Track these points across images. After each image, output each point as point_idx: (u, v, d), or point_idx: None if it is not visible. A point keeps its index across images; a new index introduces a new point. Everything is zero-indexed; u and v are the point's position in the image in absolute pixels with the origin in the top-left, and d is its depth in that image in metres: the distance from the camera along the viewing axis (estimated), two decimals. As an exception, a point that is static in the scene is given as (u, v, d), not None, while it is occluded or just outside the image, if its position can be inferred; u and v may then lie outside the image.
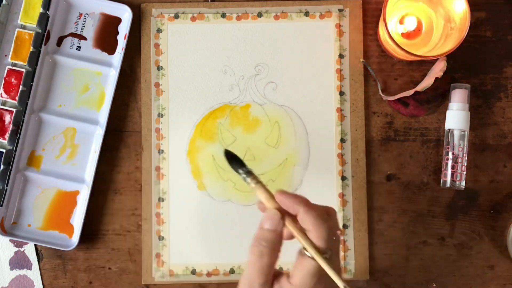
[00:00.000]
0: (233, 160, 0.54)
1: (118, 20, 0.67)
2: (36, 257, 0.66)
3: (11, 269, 0.66)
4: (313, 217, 0.49)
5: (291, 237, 0.51)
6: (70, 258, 0.66)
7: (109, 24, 0.67)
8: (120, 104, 0.67)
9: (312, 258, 0.48)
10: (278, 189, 0.51)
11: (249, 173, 0.53)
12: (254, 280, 0.49)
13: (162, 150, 0.66)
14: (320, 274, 0.48)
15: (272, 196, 0.51)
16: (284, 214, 0.50)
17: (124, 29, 0.66)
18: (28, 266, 0.66)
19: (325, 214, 0.50)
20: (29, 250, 0.66)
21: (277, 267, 0.53)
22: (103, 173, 0.66)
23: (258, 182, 0.52)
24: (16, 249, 0.66)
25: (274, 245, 0.50)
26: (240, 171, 0.53)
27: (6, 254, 0.66)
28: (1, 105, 0.65)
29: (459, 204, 0.66)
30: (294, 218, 0.50)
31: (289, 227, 0.50)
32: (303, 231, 0.50)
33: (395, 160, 0.67)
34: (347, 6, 0.66)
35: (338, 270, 0.49)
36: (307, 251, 0.49)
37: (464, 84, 0.65)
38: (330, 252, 0.49)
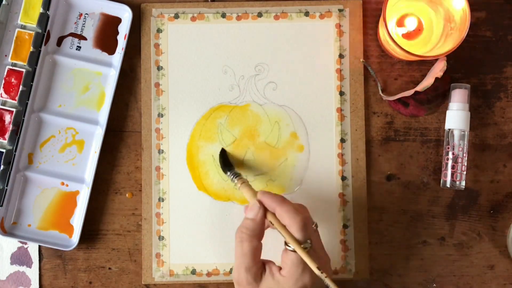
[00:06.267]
0: (224, 161, 0.63)
1: (118, 20, 0.67)
2: (38, 256, 0.66)
3: (12, 263, 0.66)
4: (287, 211, 0.54)
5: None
6: (70, 258, 0.66)
7: (109, 24, 0.67)
8: (120, 104, 0.67)
9: (293, 251, 0.52)
10: (260, 190, 0.58)
11: (235, 174, 0.61)
12: (239, 265, 0.54)
13: (162, 150, 0.66)
14: (305, 264, 0.52)
15: (255, 194, 0.57)
16: (266, 209, 0.56)
17: (124, 29, 0.66)
18: (29, 264, 0.66)
19: (297, 208, 0.55)
20: (33, 248, 0.66)
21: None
22: (103, 173, 0.66)
23: (243, 182, 0.60)
24: (20, 244, 0.66)
25: (254, 231, 0.55)
26: (228, 173, 0.62)
27: (9, 248, 0.66)
28: (1, 105, 0.65)
29: (459, 204, 0.66)
30: (274, 215, 0.55)
31: (272, 221, 0.55)
32: (283, 226, 0.54)
33: (395, 160, 0.66)
34: (347, 6, 0.66)
35: (319, 258, 0.54)
36: (288, 245, 0.53)
37: (464, 84, 0.65)
38: (309, 242, 0.53)
